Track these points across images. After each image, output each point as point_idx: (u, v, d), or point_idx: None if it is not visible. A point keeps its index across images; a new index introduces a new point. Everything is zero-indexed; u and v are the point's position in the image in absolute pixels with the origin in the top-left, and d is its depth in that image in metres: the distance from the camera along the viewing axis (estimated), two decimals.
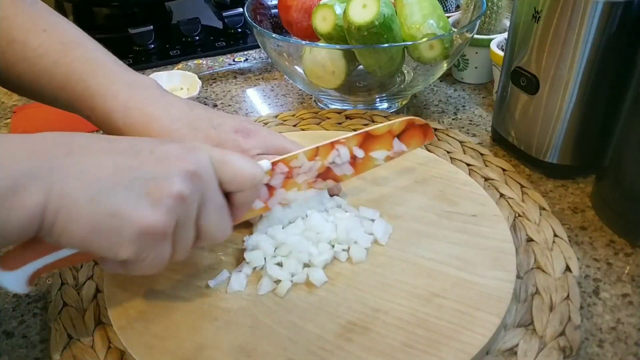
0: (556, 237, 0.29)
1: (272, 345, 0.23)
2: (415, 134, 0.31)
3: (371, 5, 0.36)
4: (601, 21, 0.29)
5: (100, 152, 0.20)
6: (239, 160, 0.23)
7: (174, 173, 0.21)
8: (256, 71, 0.52)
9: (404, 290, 0.26)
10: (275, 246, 0.28)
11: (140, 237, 0.20)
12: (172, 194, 0.20)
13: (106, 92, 0.27)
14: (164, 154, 0.21)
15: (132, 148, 0.21)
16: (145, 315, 0.25)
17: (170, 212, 0.20)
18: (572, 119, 0.33)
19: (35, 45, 0.27)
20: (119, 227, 0.19)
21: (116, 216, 0.19)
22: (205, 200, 0.22)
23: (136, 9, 0.60)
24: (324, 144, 0.28)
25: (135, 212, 0.19)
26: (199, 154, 0.22)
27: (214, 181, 0.22)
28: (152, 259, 0.21)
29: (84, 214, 0.19)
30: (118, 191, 0.19)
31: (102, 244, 0.20)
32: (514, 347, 0.24)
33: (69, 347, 0.25)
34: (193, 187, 0.21)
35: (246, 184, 0.23)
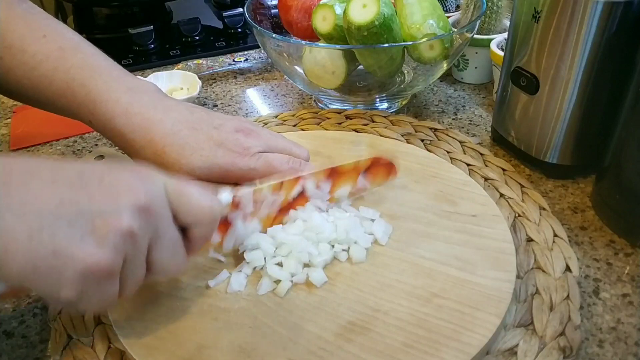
0: (556, 237, 0.29)
1: (272, 346, 0.23)
2: (380, 171, 0.31)
3: (371, 5, 0.36)
4: (601, 21, 0.29)
5: (43, 181, 0.19)
6: (197, 193, 0.22)
7: (123, 207, 0.19)
8: (256, 71, 0.52)
9: (403, 291, 0.26)
10: (275, 246, 0.28)
11: (83, 277, 0.18)
12: (120, 231, 0.19)
13: (107, 98, 0.27)
14: (114, 184, 0.20)
15: (80, 177, 0.19)
16: (145, 315, 0.25)
17: (118, 249, 0.19)
18: (572, 119, 0.33)
19: (33, 51, 0.27)
20: (60, 267, 0.18)
21: (58, 255, 0.18)
22: (158, 234, 0.21)
23: (136, 9, 0.60)
24: (288, 178, 0.27)
25: (79, 250, 0.18)
26: (153, 184, 0.21)
27: (167, 214, 0.21)
28: (98, 299, 0.20)
29: (22, 251, 0.18)
30: (61, 227, 0.18)
31: (43, 283, 0.18)
32: (513, 347, 0.24)
33: (68, 347, 0.25)
34: (143, 222, 0.20)
35: (204, 218, 0.22)
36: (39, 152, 0.41)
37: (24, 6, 0.29)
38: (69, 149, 0.42)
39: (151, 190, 0.21)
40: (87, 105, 0.27)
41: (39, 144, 0.42)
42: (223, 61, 0.52)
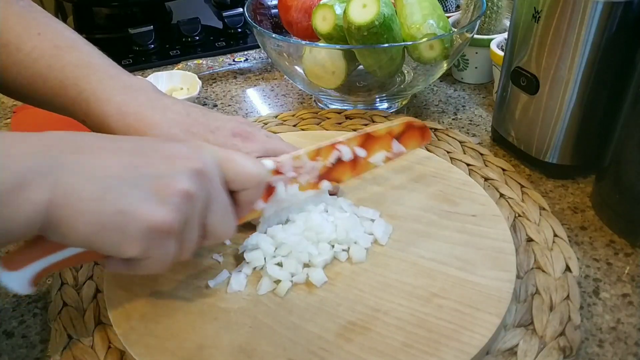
0: (556, 237, 0.29)
1: (272, 345, 0.23)
2: (414, 136, 0.31)
3: (371, 5, 0.36)
4: (601, 21, 0.29)
5: (107, 150, 0.20)
6: (243, 159, 0.23)
7: (181, 171, 0.21)
8: (256, 71, 0.52)
9: (403, 291, 0.26)
10: (275, 246, 0.28)
11: (147, 234, 0.20)
12: (179, 192, 0.20)
13: (100, 97, 0.27)
14: (169, 152, 0.21)
15: (138, 147, 0.21)
16: (145, 315, 0.25)
17: (178, 210, 0.20)
18: (572, 119, 0.33)
19: (29, 48, 0.27)
20: (125, 225, 0.19)
21: (123, 213, 0.19)
22: (211, 198, 0.22)
23: (136, 9, 0.60)
24: (325, 144, 0.28)
25: (142, 209, 0.19)
26: (205, 152, 0.22)
27: (218, 180, 0.22)
28: (158, 258, 0.21)
29: (90, 211, 0.19)
30: (125, 189, 0.19)
31: (108, 241, 0.19)
32: (513, 347, 0.24)
33: (69, 347, 0.25)
34: (199, 185, 0.21)
35: (251, 182, 0.23)
36: None
37: (21, 4, 0.29)
38: None
39: (204, 156, 0.22)
40: (81, 104, 0.27)
41: None
42: (223, 61, 0.52)
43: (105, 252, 0.20)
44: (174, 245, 0.21)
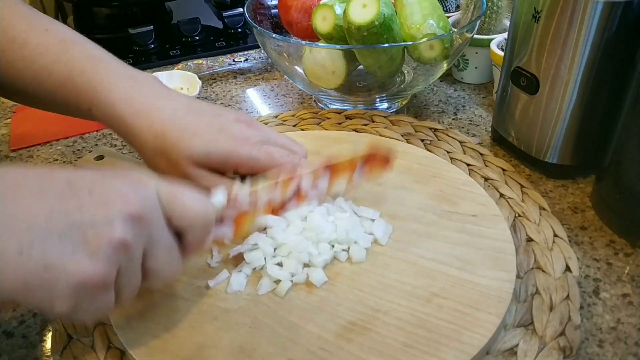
0: (556, 237, 0.29)
1: (272, 345, 0.23)
2: (376, 165, 0.30)
3: (371, 5, 0.36)
4: (601, 21, 0.29)
5: (31, 193, 0.18)
6: (189, 196, 0.22)
7: (115, 217, 0.19)
8: (256, 71, 0.52)
9: (404, 291, 0.26)
10: (274, 246, 0.27)
11: (77, 290, 0.18)
12: (113, 242, 0.18)
13: (108, 85, 0.27)
14: (105, 193, 0.19)
15: (69, 186, 0.19)
16: (145, 315, 0.25)
17: (111, 261, 0.19)
18: (572, 119, 0.33)
19: (35, 43, 0.27)
20: (53, 281, 0.18)
21: (49, 269, 0.17)
22: (152, 242, 0.20)
23: (136, 9, 0.60)
24: (283, 178, 0.27)
25: (71, 264, 0.18)
26: (145, 191, 0.20)
27: (160, 220, 0.21)
28: (93, 309, 0.19)
29: (12, 266, 0.17)
30: (51, 241, 0.18)
31: (35, 298, 0.18)
32: (513, 347, 0.24)
33: (68, 347, 0.25)
34: (137, 231, 0.19)
35: (197, 221, 0.22)
36: (38, 152, 0.41)
37: (25, 6, 0.29)
38: (69, 149, 0.42)
39: (143, 197, 0.20)
40: (88, 94, 0.27)
41: (39, 144, 0.42)
42: (223, 61, 0.52)
43: (33, 308, 0.19)
44: (110, 295, 0.20)
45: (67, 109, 0.29)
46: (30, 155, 0.41)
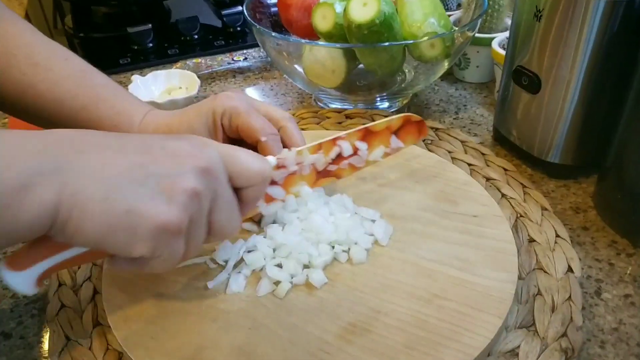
0: (558, 237, 0.29)
1: (271, 347, 0.23)
2: (411, 131, 0.32)
3: (372, 4, 0.36)
4: (603, 20, 0.29)
5: (112, 149, 0.20)
6: (247, 156, 0.23)
7: (187, 169, 0.21)
8: (255, 70, 0.52)
9: (404, 291, 0.25)
10: (274, 247, 0.27)
11: (155, 234, 0.20)
12: (186, 191, 0.20)
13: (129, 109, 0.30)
14: (175, 150, 0.21)
15: (144, 145, 0.21)
16: (144, 316, 0.25)
17: (185, 208, 0.20)
18: (574, 118, 0.33)
19: (58, 69, 0.30)
20: (134, 225, 0.19)
21: (131, 213, 0.19)
22: (217, 196, 0.22)
23: (134, 8, 0.59)
24: (326, 140, 0.28)
25: (151, 209, 0.19)
26: (209, 149, 0.22)
27: (224, 177, 0.22)
28: (166, 256, 0.21)
29: (98, 212, 0.19)
30: (132, 188, 0.19)
31: (117, 241, 0.19)
32: (515, 348, 0.24)
33: (66, 349, 0.24)
34: (205, 183, 0.21)
35: (255, 179, 0.24)
36: None
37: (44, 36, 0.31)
38: None
39: (209, 154, 0.22)
40: (111, 117, 0.30)
41: None
42: (222, 60, 0.52)
43: (114, 251, 0.20)
44: (181, 243, 0.21)
45: None
46: None
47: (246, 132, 0.29)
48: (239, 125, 0.29)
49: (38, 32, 0.31)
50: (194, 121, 0.29)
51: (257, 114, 0.29)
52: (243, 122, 0.29)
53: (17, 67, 0.29)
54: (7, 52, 0.29)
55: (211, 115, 0.29)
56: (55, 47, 0.31)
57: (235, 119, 0.29)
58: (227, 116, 0.29)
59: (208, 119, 0.29)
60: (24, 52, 0.29)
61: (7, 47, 0.29)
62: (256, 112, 0.29)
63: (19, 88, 0.29)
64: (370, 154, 0.30)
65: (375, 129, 0.30)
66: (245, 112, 0.29)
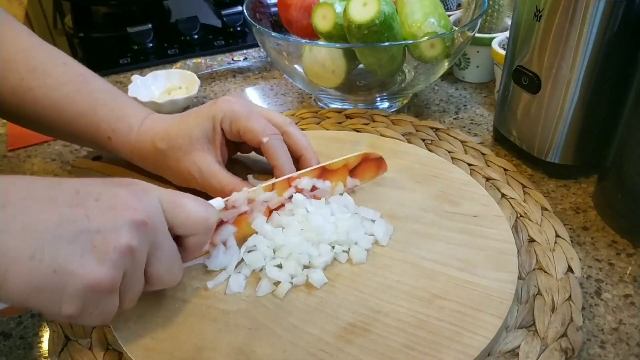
0: (558, 237, 0.29)
1: (271, 347, 0.23)
2: (370, 167, 0.31)
3: (372, 4, 0.36)
4: (603, 20, 0.29)
5: (41, 201, 0.19)
6: (190, 204, 0.23)
7: (122, 224, 0.20)
8: (255, 70, 0.52)
9: (404, 292, 0.25)
10: (274, 248, 0.27)
11: (85, 293, 0.19)
12: (120, 248, 0.19)
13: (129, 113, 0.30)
14: (111, 202, 0.20)
15: (77, 196, 0.20)
16: (143, 316, 0.25)
17: (118, 265, 0.20)
18: (574, 118, 0.33)
19: (57, 74, 0.29)
20: (62, 284, 0.19)
21: (59, 273, 0.18)
22: (155, 248, 0.21)
23: (134, 8, 0.59)
24: (279, 180, 0.28)
25: (80, 268, 0.19)
26: (149, 199, 0.21)
27: (164, 227, 0.22)
28: (99, 313, 0.20)
29: (24, 270, 0.18)
30: (61, 246, 0.18)
31: (44, 301, 0.19)
32: (515, 348, 0.24)
33: (66, 349, 0.24)
34: (142, 237, 0.20)
35: (198, 227, 0.23)
36: (36, 151, 0.41)
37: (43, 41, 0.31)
38: (66, 149, 0.41)
39: (147, 204, 0.21)
40: (109, 122, 0.29)
41: (36, 143, 0.42)
42: (222, 60, 0.52)
43: (41, 310, 0.19)
44: (115, 299, 0.20)
45: (84, 136, 0.30)
46: (27, 155, 0.41)
47: (248, 134, 0.29)
48: (240, 128, 0.29)
49: (36, 37, 0.31)
50: (193, 127, 0.29)
51: (257, 116, 0.29)
52: (244, 125, 0.29)
53: (16, 72, 0.28)
54: (5, 57, 0.28)
55: (211, 121, 0.29)
56: (53, 51, 0.30)
57: (236, 122, 0.29)
58: (227, 121, 0.29)
59: (207, 124, 0.29)
60: (22, 57, 0.29)
61: (5, 52, 0.29)
62: (257, 115, 0.29)
63: (17, 93, 0.29)
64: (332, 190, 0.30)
65: (332, 167, 0.29)
66: (245, 116, 0.29)
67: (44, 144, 0.42)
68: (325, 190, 0.30)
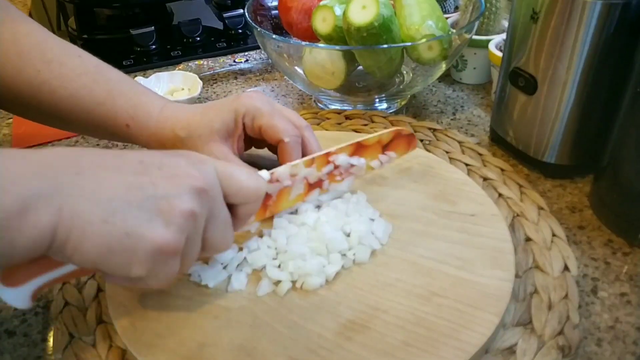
0: (554, 236, 0.29)
1: (272, 344, 0.24)
2: (401, 144, 0.32)
3: (370, 7, 0.36)
4: (599, 22, 0.30)
5: (109, 169, 0.20)
6: (243, 174, 0.24)
7: (184, 190, 0.21)
8: (256, 72, 0.52)
9: (403, 289, 0.26)
10: (276, 250, 0.27)
11: (154, 255, 0.20)
12: (184, 212, 0.20)
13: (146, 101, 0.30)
14: (173, 170, 0.21)
15: (141, 164, 0.21)
16: (146, 313, 0.25)
17: (182, 229, 0.20)
18: (570, 119, 0.33)
19: (73, 65, 0.30)
20: (133, 247, 0.19)
21: (130, 236, 0.19)
22: (212, 215, 0.22)
23: (137, 10, 0.60)
24: (319, 154, 0.29)
25: (149, 231, 0.20)
26: (206, 168, 0.22)
27: (220, 196, 0.23)
28: (162, 275, 0.21)
29: (97, 234, 0.19)
30: (131, 210, 0.19)
31: (116, 263, 0.20)
32: (512, 346, 0.24)
33: (70, 346, 0.25)
34: (202, 203, 0.21)
35: (250, 197, 0.24)
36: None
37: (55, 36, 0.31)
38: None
39: (206, 173, 0.22)
40: (127, 110, 0.30)
41: (41, 143, 0.42)
42: (224, 62, 0.53)
43: (111, 272, 0.20)
44: (177, 263, 0.21)
45: (102, 126, 0.31)
46: None
47: (269, 132, 0.29)
48: (262, 125, 0.29)
49: (48, 31, 0.31)
50: (214, 119, 0.29)
51: (280, 115, 0.30)
52: (267, 123, 0.29)
53: (31, 65, 0.29)
54: (20, 51, 0.29)
55: (233, 114, 0.29)
56: (67, 44, 0.31)
57: (259, 119, 0.29)
58: (249, 116, 0.29)
59: (229, 117, 0.29)
60: (37, 50, 0.29)
61: (19, 46, 0.29)
62: (279, 113, 0.30)
63: (33, 86, 0.29)
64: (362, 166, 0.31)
65: (366, 143, 0.30)
66: (268, 113, 0.29)
67: (49, 144, 0.42)
68: (361, 167, 0.30)
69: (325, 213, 0.29)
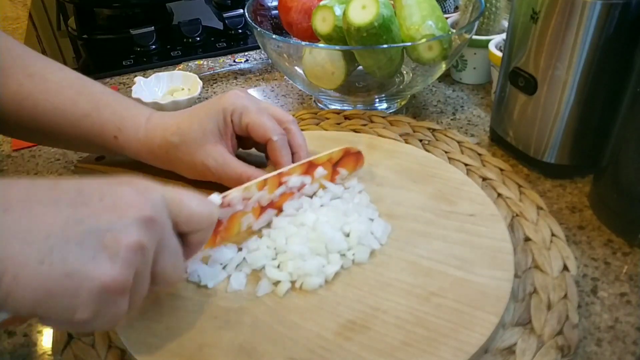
0: (554, 236, 0.29)
1: (271, 344, 0.24)
2: (350, 161, 0.32)
3: (370, 7, 0.36)
4: (599, 22, 0.30)
5: (43, 203, 0.18)
6: (193, 201, 0.22)
7: (131, 222, 0.19)
8: (256, 72, 0.52)
9: (402, 289, 0.26)
10: (276, 250, 0.27)
11: (100, 295, 0.18)
12: (131, 245, 0.19)
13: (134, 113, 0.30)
14: (116, 200, 0.19)
15: (80, 195, 0.19)
16: (146, 314, 0.25)
17: (130, 264, 0.19)
18: (570, 119, 0.33)
19: (56, 79, 0.30)
20: (75, 288, 0.18)
21: (71, 276, 0.17)
22: (161, 245, 0.21)
23: (137, 10, 0.60)
24: (271, 175, 0.28)
25: (93, 269, 0.18)
26: (153, 196, 0.21)
27: (169, 225, 0.21)
28: (110, 317, 0.19)
29: (33, 277, 0.17)
30: (70, 247, 0.18)
31: (56, 307, 0.18)
32: (512, 345, 0.24)
33: (69, 347, 0.25)
34: (150, 234, 0.20)
35: (202, 224, 0.23)
36: (40, 151, 0.42)
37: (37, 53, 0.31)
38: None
39: (152, 201, 0.20)
40: (115, 121, 0.30)
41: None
42: (224, 62, 0.53)
43: (52, 317, 0.18)
44: (125, 301, 0.19)
45: (89, 139, 0.31)
46: (32, 155, 0.41)
47: (257, 130, 0.29)
48: (249, 122, 0.29)
49: (29, 48, 0.31)
50: (205, 120, 0.29)
51: (266, 113, 0.30)
52: (254, 121, 0.29)
53: (14, 79, 0.28)
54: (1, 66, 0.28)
55: (222, 113, 0.29)
56: (48, 59, 0.31)
57: (246, 116, 0.29)
58: (237, 113, 0.29)
59: (219, 117, 0.29)
60: (19, 64, 0.29)
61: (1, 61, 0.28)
62: (265, 111, 0.30)
63: (16, 100, 0.28)
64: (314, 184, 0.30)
65: (317, 161, 0.30)
66: (255, 111, 0.29)
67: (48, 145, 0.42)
68: (312, 189, 0.30)
69: (325, 213, 0.29)
